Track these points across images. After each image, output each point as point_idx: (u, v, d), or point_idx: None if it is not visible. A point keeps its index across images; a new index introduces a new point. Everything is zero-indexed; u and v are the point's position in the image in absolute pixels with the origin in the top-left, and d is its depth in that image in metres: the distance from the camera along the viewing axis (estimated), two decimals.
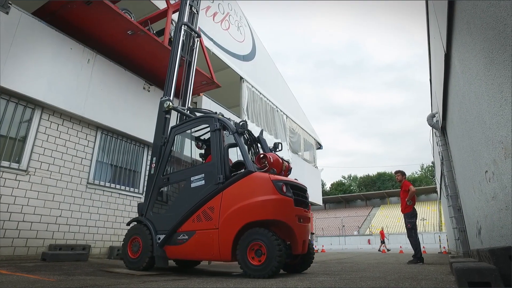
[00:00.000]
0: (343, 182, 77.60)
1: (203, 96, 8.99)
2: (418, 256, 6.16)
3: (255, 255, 3.24)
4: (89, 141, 6.27)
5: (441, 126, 6.49)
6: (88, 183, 6.10)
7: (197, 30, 5.97)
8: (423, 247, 11.16)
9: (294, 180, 3.87)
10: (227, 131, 3.98)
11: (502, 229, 2.18)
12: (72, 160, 5.88)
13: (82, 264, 4.75)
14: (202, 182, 3.80)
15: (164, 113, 4.70)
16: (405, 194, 6.60)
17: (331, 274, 3.71)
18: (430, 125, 7.09)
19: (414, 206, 6.60)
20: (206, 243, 3.53)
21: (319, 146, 19.24)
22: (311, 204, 11.52)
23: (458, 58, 3.12)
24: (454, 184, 6.27)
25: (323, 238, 39.47)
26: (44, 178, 5.38)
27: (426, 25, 6.04)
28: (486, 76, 2.00)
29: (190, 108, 5.41)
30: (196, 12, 6.09)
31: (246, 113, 10.84)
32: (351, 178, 78.51)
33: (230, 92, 11.37)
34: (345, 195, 61.91)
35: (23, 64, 5.15)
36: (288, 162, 4.05)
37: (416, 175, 70.22)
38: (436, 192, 36.61)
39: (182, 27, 5.51)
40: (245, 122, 3.90)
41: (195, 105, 8.71)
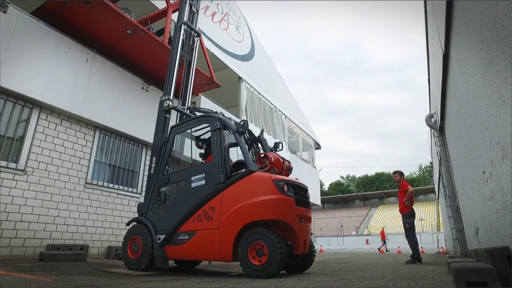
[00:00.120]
0: (342, 182, 77.65)
1: (202, 96, 8.98)
2: (416, 256, 6.17)
3: (256, 255, 3.24)
4: (87, 140, 6.25)
5: (439, 127, 6.51)
6: (86, 183, 6.08)
7: (197, 29, 5.97)
8: (421, 247, 11.20)
9: (295, 179, 3.87)
10: (228, 131, 3.97)
11: (499, 229, 2.19)
12: (70, 160, 5.85)
13: (80, 264, 4.74)
14: (203, 182, 3.80)
15: (164, 112, 4.69)
16: (403, 194, 6.62)
17: (330, 274, 3.72)
18: (428, 125, 7.11)
19: (412, 206, 6.62)
20: (206, 243, 3.52)
21: (318, 146, 19.27)
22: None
23: (456, 58, 3.14)
24: (452, 184, 6.30)
25: (322, 238, 39.50)
26: (42, 178, 5.36)
27: (425, 25, 6.06)
28: (484, 76, 2.01)
29: (190, 107, 5.41)
30: (196, 11, 6.09)
31: (244, 113, 10.83)
32: (350, 178, 78.58)
33: (228, 92, 11.36)
34: (343, 195, 62.01)
35: (21, 63, 5.13)
36: (289, 162, 4.05)
37: (414, 176, 70.37)
38: (434, 192, 36.76)
39: (182, 26, 5.50)
40: (245, 122, 3.89)
41: (194, 105, 8.69)
